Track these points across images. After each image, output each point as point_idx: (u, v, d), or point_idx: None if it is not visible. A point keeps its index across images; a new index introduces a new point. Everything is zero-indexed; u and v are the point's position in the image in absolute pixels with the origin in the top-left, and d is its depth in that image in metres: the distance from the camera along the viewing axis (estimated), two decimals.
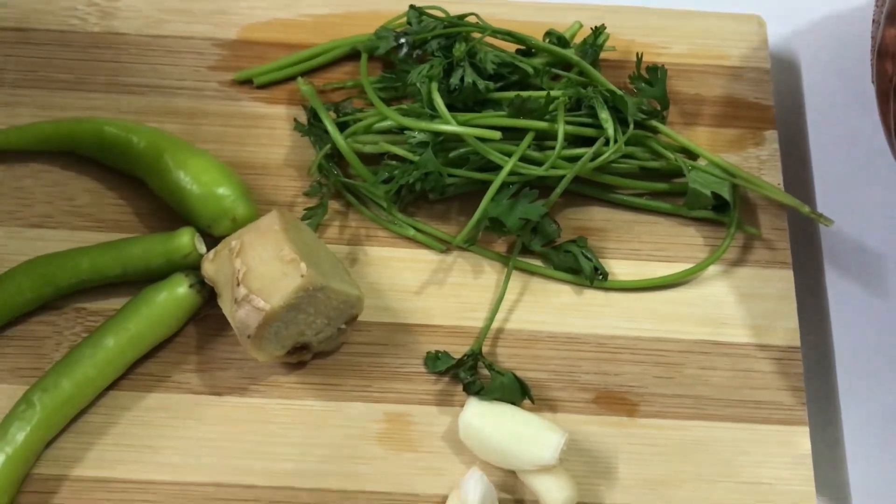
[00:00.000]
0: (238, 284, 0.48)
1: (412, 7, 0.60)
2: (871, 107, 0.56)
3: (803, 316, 0.55)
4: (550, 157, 0.53)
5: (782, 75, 0.64)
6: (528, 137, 0.53)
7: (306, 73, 0.60)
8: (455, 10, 0.60)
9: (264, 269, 0.48)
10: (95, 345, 0.51)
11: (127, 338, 0.51)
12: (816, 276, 0.57)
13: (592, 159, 0.53)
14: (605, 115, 0.54)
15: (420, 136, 0.53)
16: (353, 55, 0.61)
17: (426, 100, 0.54)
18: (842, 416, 0.52)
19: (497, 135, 0.52)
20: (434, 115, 0.54)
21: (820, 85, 0.63)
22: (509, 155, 0.53)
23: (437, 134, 0.53)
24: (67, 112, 0.59)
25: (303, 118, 0.59)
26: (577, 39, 0.60)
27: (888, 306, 0.55)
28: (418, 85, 0.54)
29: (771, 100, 0.60)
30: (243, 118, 0.59)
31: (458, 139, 0.54)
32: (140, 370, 0.52)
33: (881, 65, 0.51)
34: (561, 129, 0.53)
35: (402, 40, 0.58)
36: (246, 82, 0.60)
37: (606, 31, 0.60)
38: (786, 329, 0.54)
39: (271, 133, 0.59)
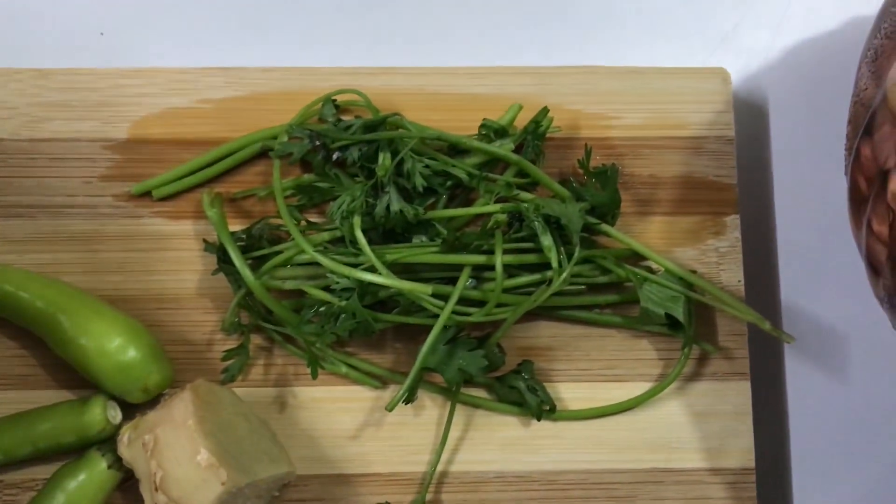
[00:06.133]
0: (157, 489, 0.45)
1: (328, 100, 0.53)
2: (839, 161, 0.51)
3: (759, 427, 0.52)
4: (489, 300, 0.48)
5: (745, 128, 0.58)
6: (463, 277, 0.48)
7: (213, 179, 0.54)
8: (378, 85, 0.54)
9: (181, 473, 0.45)
10: None
11: None
12: (776, 383, 0.54)
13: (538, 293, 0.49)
14: (547, 243, 0.49)
15: (345, 282, 0.48)
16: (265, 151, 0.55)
17: (348, 237, 0.49)
18: None
19: (428, 290, 0.47)
20: (359, 252, 0.49)
21: (787, 137, 0.57)
22: (444, 297, 0.49)
23: None
24: None
25: (212, 234, 0.53)
26: (520, 120, 0.53)
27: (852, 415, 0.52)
28: (338, 222, 0.48)
29: (734, 176, 0.54)
30: (146, 239, 0.53)
31: None
32: None
33: (855, 179, 0.46)
34: (499, 263, 0.48)
35: (318, 142, 0.51)
36: (146, 194, 0.54)
37: (549, 114, 0.53)
38: (740, 450, 0.51)
39: (179, 255, 0.53)
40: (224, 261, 0.51)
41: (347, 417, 0.51)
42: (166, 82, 0.55)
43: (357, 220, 0.48)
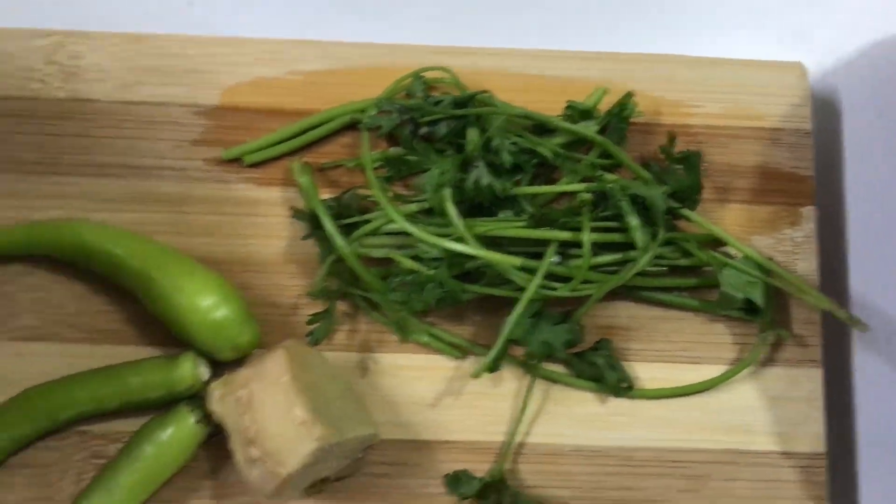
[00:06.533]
0: (249, 444, 0.46)
1: (417, 77, 0.54)
2: None
3: (828, 413, 0.53)
4: (574, 276, 0.49)
5: (819, 123, 0.59)
6: (550, 251, 0.49)
7: (301, 148, 0.55)
8: (462, 64, 0.55)
9: (276, 428, 0.45)
10: (108, 488, 0.48)
11: (137, 479, 0.48)
12: (845, 372, 0.55)
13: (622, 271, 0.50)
14: (634, 222, 0.50)
15: (434, 252, 0.49)
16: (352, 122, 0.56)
17: (438, 208, 0.50)
18: None
19: (517, 262, 0.48)
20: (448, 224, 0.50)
21: (861, 133, 0.58)
22: (531, 270, 0.49)
23: None
24: (40, 200, 0.53)
25: (299, 202, 0.54)
26: (603, 104, 0.54)
27: None
28: (430, 194, 0.49)
29: (811, 168, 0.55)
30: (235, 204, 0.54)
31: None
32: (153, 497, 0.50)
33: None
34: (587, 239, 0.49)
35: (408, 117, 0.52)
36: (235, 159, 0.55)
37: (634, 98, 0.54)
38: (811, 435, 0.52)
39: (267, 221, 0.54)
40: (315, 227, 0.52)
41: (427, 385, 0.52)
42: (257, 52, 0.56)
43: (448, 193, 0.49)
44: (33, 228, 0.52)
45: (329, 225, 0.50)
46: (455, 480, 0.50)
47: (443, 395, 0.52)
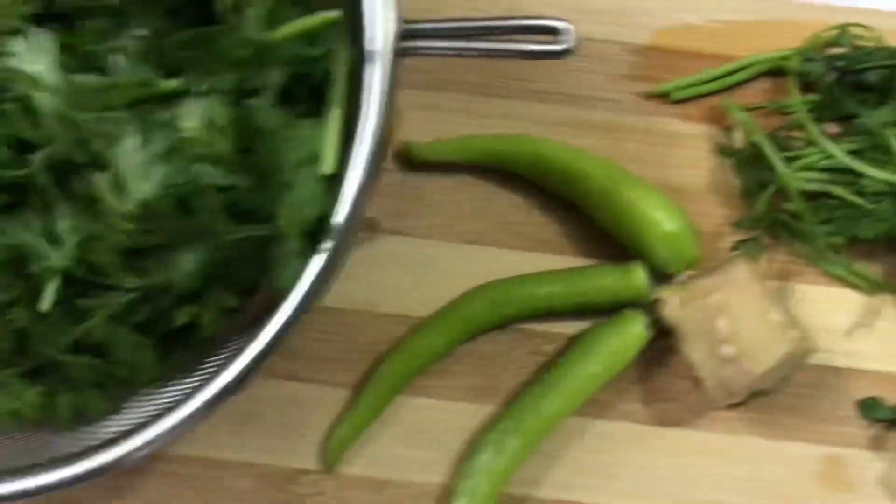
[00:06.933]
0: (724, 344, 0.50)
1: (844, 30, 0.58)
2: None
3: None
4: None
5: None
6: None
7: (722, 90, 0.59)
8: (875, 25, 0.58)
9: (749, 331, 0.50)
10: (553, 384, 0.53)
11: (583, 379, 0.53)
12: None
13: None
14: None
15: (878, 186, 0.54)
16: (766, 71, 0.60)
17: (883, 146, 0.54)
18: None
19: None
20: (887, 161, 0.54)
21: None
22: None
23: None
24: (487, 120, 0.58)
25: (719, 138, 0.59)
26: None
27: None
28: (877, 132, 0.53)
29: None
30: (660, 136, 0.59)
31: None
32: (589, 397, 0.55)
33: None
34: None
35: (836, 64, 0.57)
36: (658, 95, 0.60)
37: None
38: None
39: (689, 154, 0.59)
40: (744, 161, 0.56)
41: (839, 317, 0.56)
42: (683, 1, 0.61)
43: (893, 132, 0.54)
44: (493, 140, 0.57)
45: (774, 156, 0.55)
46: (870, 406, 0.54)
47: (855, 327, 0.56)
